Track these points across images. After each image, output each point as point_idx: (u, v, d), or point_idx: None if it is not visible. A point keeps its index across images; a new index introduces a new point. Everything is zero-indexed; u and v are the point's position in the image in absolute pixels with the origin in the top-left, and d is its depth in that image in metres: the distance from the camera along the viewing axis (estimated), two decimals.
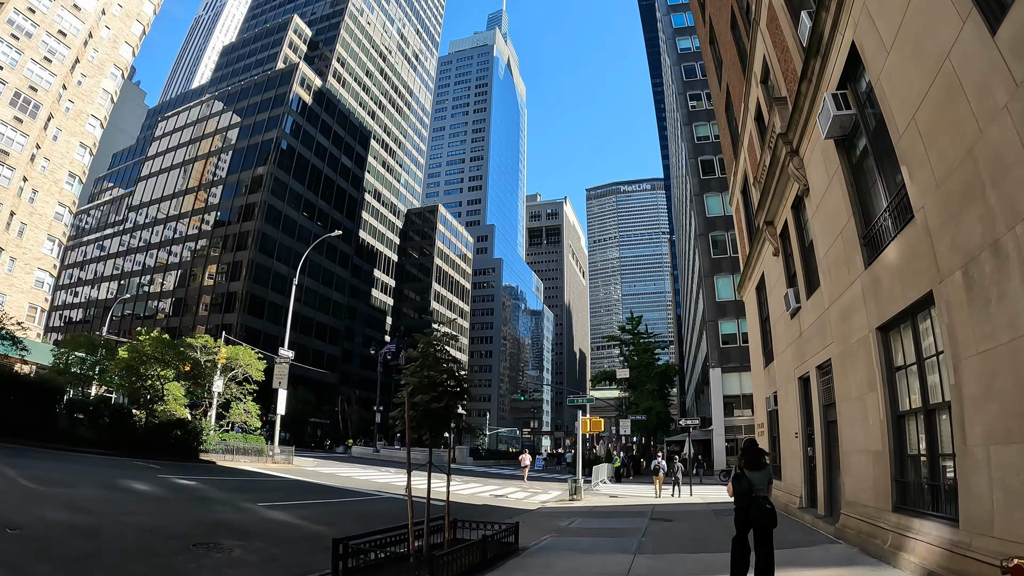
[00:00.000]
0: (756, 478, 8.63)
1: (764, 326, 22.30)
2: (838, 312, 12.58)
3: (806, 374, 15.74)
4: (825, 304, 13.50)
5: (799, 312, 16.10)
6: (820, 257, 13.73)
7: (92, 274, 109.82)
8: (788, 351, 17.58)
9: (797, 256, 16.08)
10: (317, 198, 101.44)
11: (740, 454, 9.13)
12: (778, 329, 19.00)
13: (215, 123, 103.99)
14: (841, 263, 12.21)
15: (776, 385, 19.51)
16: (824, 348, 13.70)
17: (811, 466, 15.82)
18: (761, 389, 22.62)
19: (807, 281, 15.39)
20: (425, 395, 10.48)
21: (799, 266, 15.92)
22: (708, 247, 56.41)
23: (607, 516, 19.50)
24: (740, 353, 51.95)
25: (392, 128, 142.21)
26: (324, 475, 32.60)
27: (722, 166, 59.17)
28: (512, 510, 21.70)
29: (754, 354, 24.76)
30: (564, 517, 18.71)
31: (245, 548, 10.93)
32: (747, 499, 8.57)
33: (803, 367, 15.87)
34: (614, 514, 20.15)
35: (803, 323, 15.74)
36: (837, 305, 12.63)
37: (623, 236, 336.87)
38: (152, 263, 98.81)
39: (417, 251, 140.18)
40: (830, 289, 13.08)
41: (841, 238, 12.09)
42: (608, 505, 24.12)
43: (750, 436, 12.33)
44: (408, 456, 10.42)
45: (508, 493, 29.42)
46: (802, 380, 16.40)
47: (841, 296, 12.29)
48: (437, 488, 25.53)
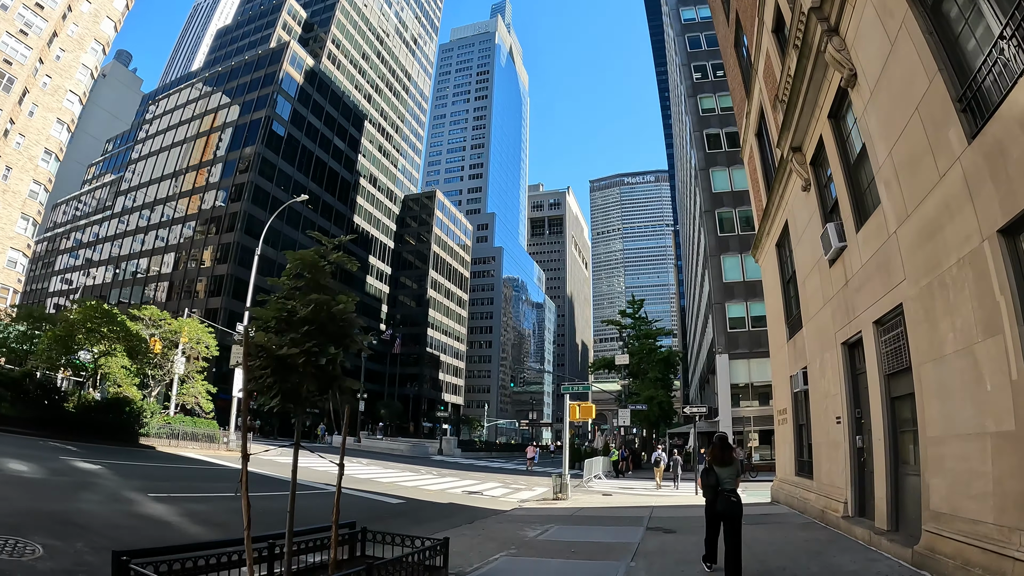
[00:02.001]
0: (724, 473, 9.08)
1: (788, 289, 18.33)
2: (916, 231, 8.56)
3: (855, 336, 11.74)
4: (890, 228, 9.52)
5: (843, 254, 12.12)
6: (878, 165, 9.77)
7: (82, 260, 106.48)
8: (826, 312, 13.59)
9: (840, 178, 12.09)
10: (308, 180, 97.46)
11: (710, 449, 9.55)
12: (809, 287, 15.01)
13: (204, 105, 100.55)
14: (919, 156, 8.22)
15: (806, 359, 15.53)
16: (890, 291, 9.68)
17: (860, 461, 11.86)
18: (783, 367, 18.62)
19: (856, 208, 11.43)
20: (284, 336, 6.38)
21: (843, 191, 11.94)
22: (715, 224, 52.46)
23: (592, 523, 15.55)
24: (749, 339, 48.35)
25: (389, 112, 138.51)
26: (278, 464, 28.88)
27: (729, 140, 55.48)
28: (479, 511, 18.09)
29: (773, 327, 20.76)
30: (538, 524, 14.83)
31: (53, 550, 8.09)
32: (714, 492, 9.06)
33: (851, 327, 11.87)
34: (602, 520, 16.22)
35: (850, 267, 11.76)
36: (913, 222, 8.63)
37: (627, 228, 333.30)
38: (140, 248, 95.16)
39: (414, 238, 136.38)
40: (898, 203, 9.11)
41: (918, 117, 8.11)
42: (598, 507, 20.16)
43: (721, 432, 10.69)
44: (244, 441, 6.26)
45: (485, 490, 25.53)
46: (848, 346, 12.43)
47: (922, 204, 8.27)
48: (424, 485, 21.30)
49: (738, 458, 9.81)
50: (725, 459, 9.20)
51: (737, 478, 9.23)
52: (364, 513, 15.52)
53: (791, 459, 17.69)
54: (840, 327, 12.52)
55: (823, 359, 13.88)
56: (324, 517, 12.90)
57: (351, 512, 16.31)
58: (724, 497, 8.96)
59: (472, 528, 13.97)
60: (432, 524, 14.54)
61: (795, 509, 16.27)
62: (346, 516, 9.19)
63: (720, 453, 9.28)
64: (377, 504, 18.31)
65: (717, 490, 9.04)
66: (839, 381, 12.65)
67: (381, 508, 17.47)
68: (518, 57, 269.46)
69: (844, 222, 12.05)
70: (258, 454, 8.02)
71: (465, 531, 13.52)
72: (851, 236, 11.64)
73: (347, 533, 8.34)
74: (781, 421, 19.20)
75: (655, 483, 32.49)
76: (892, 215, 9.45)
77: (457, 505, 19.57)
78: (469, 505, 19.67)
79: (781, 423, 19.24)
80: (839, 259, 12.40)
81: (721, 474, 9.09)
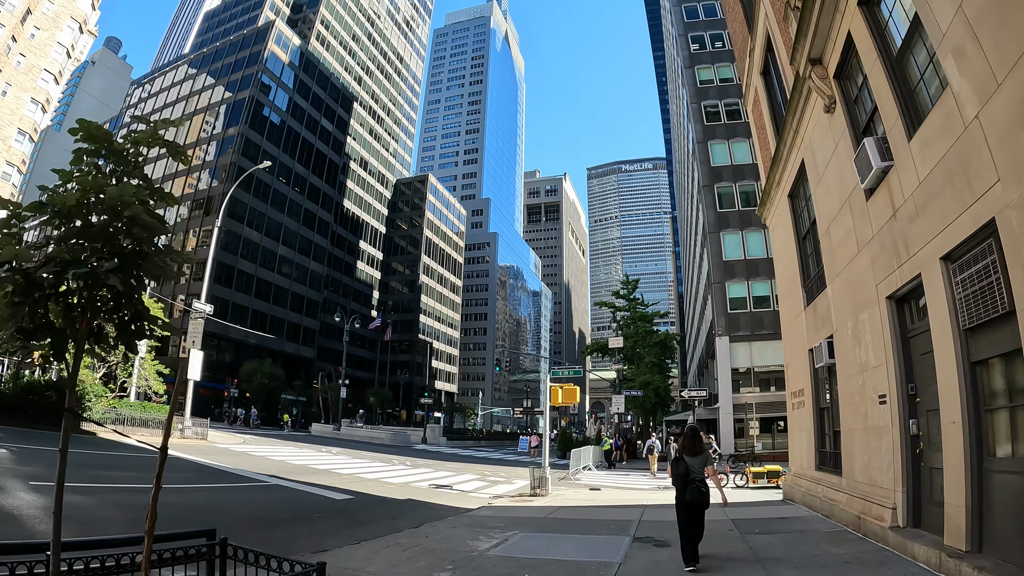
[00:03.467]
0: (694, 463, 9.15)
1: (804, 246, 15.39)
2: (1016, 102, 5.64)
3: (909, 284, 8.75)
4: (966, 115, 6.63)
5: (888, 177, 9.16)
6: (941, 33, 6.99)
7: None
8: (861, 261, 10.63)
9: (880, 79, 9.12)
10: (294, 162, 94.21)
11: (680, 440, 9.74)
12: (836, 234, 12.02)
13: (189, 87, 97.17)
14: None
15: (831, 326, 12.56)
16: (970, 206, 6.72)
17: (914, 453, 8.93)
18: (800, 340, 15.66)
19: (905, 110, 8.51)
20: None
21: (885, 94, 8.99)
22: (714, 200, 49.53)
23: (568, 529, 12.57)
24: (751, 320, 45.65)
25: (380, 95, 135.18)
26: (232, 453, 26.75)
27: (728, 113, 52.59)
28: (439, 509, 15.34)
29: (786, 295, 17.84)
30: (500, 529, 11.97)
31: None
32: (684, 481, 9.07)
33: (902, 273, 8.88)
34: (580, 525, 13.26)
35: (899, 191, 8.81)
36: (1009, 92, 5.73)
37: (624, 216, 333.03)
38: None
39: (406, 223, 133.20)
40: (980, 73, 6.27)
41: None
42: (580, 505, 17.25)
43: (691, 424, 11.92)
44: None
45: (458, 483, 22.69)
46: (896, 300, 9.49)
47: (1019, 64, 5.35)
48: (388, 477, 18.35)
49: (708, 449, 10.33)
50: (695, 449, 9.35)
51: (706, 467, 9.31)
52: (293, 511, 13.52)
53: (810, 450, 14.78)
54: (884, 276, 9.55)
55: (857, 322, 10.92)
56: (244, 518, 11.57)
57: (279, 509, 13.55)
58: (694, 487, 9.01)
59: (412, 535, 11.12)
60: (368, 527, 11.91)
61: (817, 511, 13.34)
62: (273, 514, 9.38)
63: (690, 443, 9.44)
64: (316, 501, 15.58)
65: (687, 479, 9.11)
66: (883, 348, 9.69)
67: (317, 506, 14.77)
68: (514, 43, 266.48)
69: (888, 133, 9.10)
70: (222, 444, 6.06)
71: (401, 539, 10.72)
72: (899, 149, 8.70)
73: (202, 546, 5.35)
74: (796, 405, 16.28)
75: (650, 472, 29.91)
76: (970, 95, 6.52)
77: (414, 502, 16.77)
78: (429, 502, 16.86)
79: (796, 407, 16.31)
80: (882, 185, 9.44)
81: (691, 464, 9.18)
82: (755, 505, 16.61)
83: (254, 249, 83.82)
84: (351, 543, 10.07)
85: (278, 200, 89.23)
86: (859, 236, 10.67)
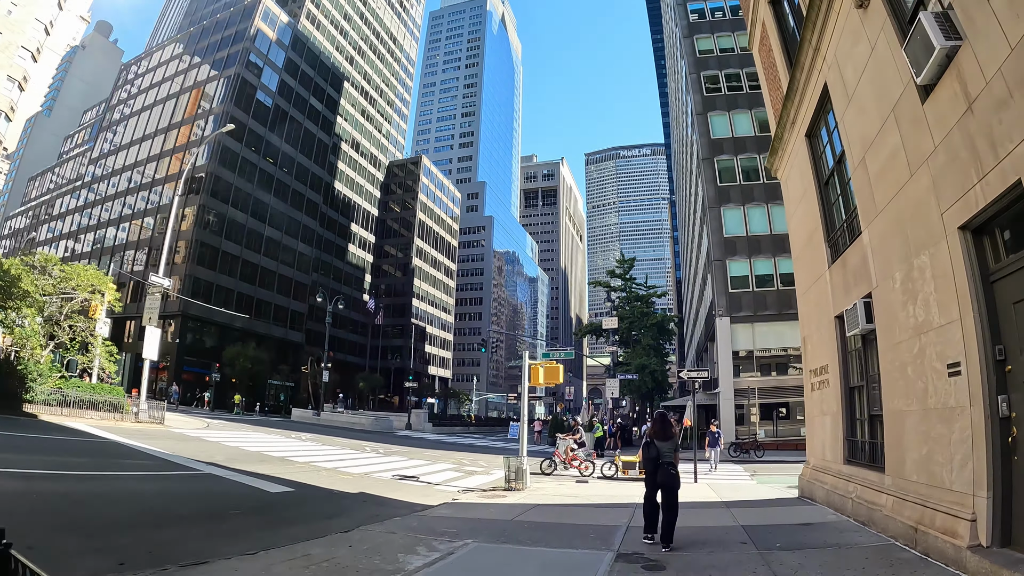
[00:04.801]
0: (664, 447, 9.56)
1: (826, 192, 12.81)
2: None
3: (1001, 200, 6.18)
4: None
5: (957, 58, 6.58)
6: None
7: (56, 232, 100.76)
8: (917, 184, 8.00)
9: None
10: (282, 142, 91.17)
11: (652, 425, 10.06)
12: (878, 159, 9.31)
13: (175, 67, 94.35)
14: None
15: (870, 281, 9.91)
16: None
17: (1006, 443, 6.38)
18: (822, 306, 13.01)
19: None
20: None
21: None
22: (714, 173, 46.98)
23: (535, 538, 9.90)
24: (753, 300, 43.33)
25: (373, 76, 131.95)
26: (184, 438, 24.16)
27: (728, 83, 50.08)
28: (392, 506, 13.05)
29: (802, 256, 15.28)
30: (449, 536, 9.49)
31: None
32: (654, 464, 9.54)
33: (988, 186, 6.26)
34: (553, 530, 10.65)
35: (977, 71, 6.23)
36: None
37: (622, 202, 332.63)
38: (109, 217, 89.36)
39: (399, 205, 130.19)
40: None
41: None
42: (560, 502, 14.66)
43: (660, 410, 10.24)
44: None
45: (428, 473, 20.20)
46: (974, 231, 6.88)
47: None
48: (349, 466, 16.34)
49: (677, 433, 10.52)
50: (665, 434, 9.67)
51: (676, 452, 9.66)
52: (206, 506, 11.65)
53: (835, 439, 12.22)
54: (955, 198, 6.96)
55: (911, 270, 8.33)
56: (138, 509, 10.48)
57: (190, 503, 11.66)
58: (664, 470, 9.40)
59: (331, 543, 8.72)
60: (288, 529, 9.70)
61: (847, 516, 10.74)
62: (178, 508, 9.10)
63: (660, 428, 9.76)
64: (244, 493, 13.39)
65: (657, 462, 9.51)
66: (954, 299, 7.10)
67: (242, 500, 12.66)
68: (511, 26, 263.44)
69: (954, 1, 6.58)
70: None
71: (315, 549, 8.32)
72: (974, 16, 6.21)
73: None
74: (817, 385, 13.68)
75: None
76: None
77: (365, 497, 14.36)
78: (383, 497, 14.38)
79: (817, 388, 13.73)
80: (947, 74, 6.87)
81: (661, 448, 9.53)
82: (766, 505, 14.10)
83: (239, 230, 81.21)
84: (249, 552, 7.81)
85: (265, 180, 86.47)
86: (912, 154, 8.10)
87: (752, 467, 27.78)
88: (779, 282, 43.32)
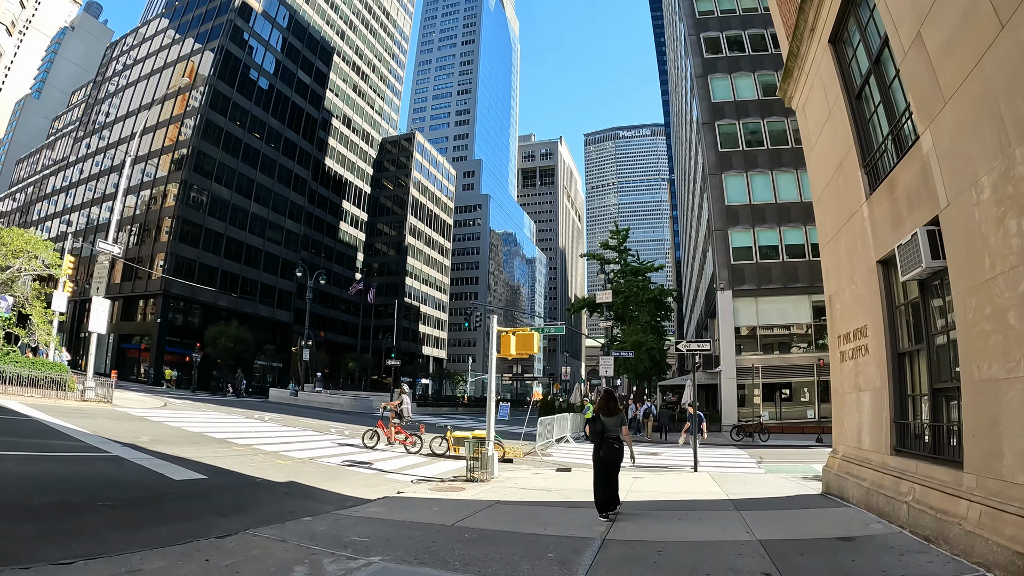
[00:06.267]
0: (610, 422, 10.02)
1: (859, 105, 10.13)
2: None
3: None
4: None
5: None
6: None
7: (44, 213, 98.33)
8: (1008, 40, 5.38)
9: None
10: (268, 115, 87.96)
11: (598, 401, 10.77)
12: (942, 28, 6.70)
13: (159, 41, 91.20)
14: None
15: (939, 199, 6.98)
16: None
17: None
18: (857, 250, 10.17)
19: None
20: None
21: None
22: (714, 139, 44.24)
23: (470, 557, 7.19)
24: (757, 273, 40.83)
25: (365, 51, 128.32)
26: (122, 417, 21.70)
27: (730, 44, 47.15)
28: (320, 498, 10.89)
29: (825, 195, 12.46)
30: (350, 552, 7.01)
31: None
32: (600, 438, 10.01)
33: None
34: (498, 544, 7.92)
35: None
36: None
37: (621, 182, 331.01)
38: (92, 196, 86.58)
39: (392, 182, 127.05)
40: None
41: None
42: (526, 500, 11.93)
43: (608, 388, 9.95)
44: None
45: (385, 459, 17.74)
46: None
47: None
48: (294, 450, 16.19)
49: (622, 409, 11.14)
50: (611, 410, 10.11)
51: (622, 426, 10.16)
52: (75, 495, 9.41)
53: (879, 422, 9.55)
54: None
55: (1013, 166, 5.66)
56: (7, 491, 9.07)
57: (55, 491, 9.66)
58: (608, 444, 9.89)
59: (183, 556, 6.38)
60: (166, 527, 7.94)
61: (902, 527, 8.03)
62: (33, 497, 8.25)
63: (606, 404, 10.21)
64: (144, 479, 11.31)
65: (603, 436, 9.92)
66: None
67: (137, 486, 10.75)
68: (508, 2, 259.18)
69: None
70: None
71: (153, 561, 6.19)
72: None
73: None
74: (850, 353, 10.91)
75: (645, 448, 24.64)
76: None
77: (294, 486, 12.03)
78: (315, 488, 12.05)
79: (850, 357, 10.96)
80: None
81: (607, 423, 9.95)
82: (786, 506, 11.29)
83: (224, 207, 78.34)
84: (63, 560, 5.82)
85: (250, 155, 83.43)
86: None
87: (757, 453, 25.11)
88: (784, 253, 40.83)
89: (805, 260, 39.90)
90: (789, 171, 41.89)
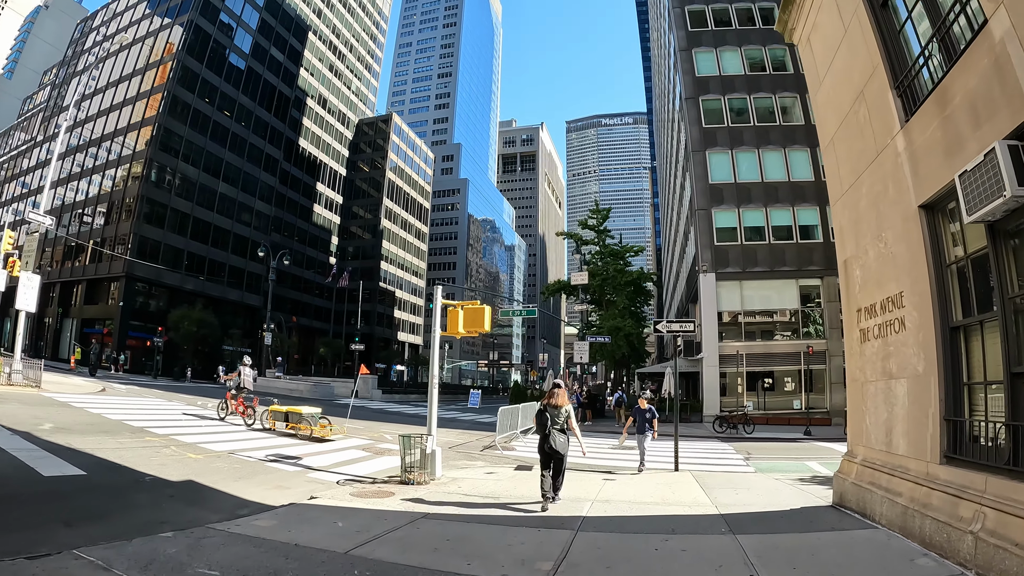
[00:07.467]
0: (555, 413, 10.07)
1: (886, 17, 7.96)
2: None
3: None
4: None
5: None
6: None
7: (10, 196, 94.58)
8: None
9: None
10: (238, 92, 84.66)
11: (546, 394, 10.79)
12: None
13: (129, 17, 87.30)
14: None
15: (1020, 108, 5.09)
16: None
17: None
18: (891, 198, 7.91)
19: None
20: None
21: None
22: (698, 114, 42.10)
23: None
24: (742, 255, 38.94)
25: (342, 30, 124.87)
26: (39, 403, 19.16)
27: (716, 18, 44.87)
28: (215, 501, 9.05)
29: (842, 136, 10.18)
30: None
31: None
32: (545, 430, 10.08)
33: None
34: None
35: None
36: None
37: (603, 170, 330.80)
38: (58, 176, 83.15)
39: (368, 164, 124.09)
40: None
41: None
42: (463, 512, 9.52)
43: (555, 380, 11.51)
44: None
45: (317, 453, 15.59)
46: None
47: None
48: (217, 442, 14.60)
49: (570, 402, 11.02)
50: (558, 402, 10.18)
51: (568, 419, 10.12)
52: None
53: (921, 419, 7.30)
54: None
55: None
56: None
57: None
58: (553, 437, 9.91)
59: None
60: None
61: (959, 563, 5.90)
62: None
63: (552, 396, 10.31)
64: (14, 476, 9.50)
65: (547, 427, 9.99)
66: None
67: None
68: None
69: None
70: None
71: None
72: None
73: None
74: (876, 331, 8.65)
75: (622, 437, 21.75)
76: None
77: (189, 486, 10.10)
78: (213, 489, 10.03)
79: (875, 335, 8.70)
80: None
81: (552, 414, 10.04)
82: (792, 529, 8.86)
83: (190, 186, 75.31)
84: None
85: (219, 133, 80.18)
86: None
87: (743, 447, 23.02)
88: (771, 235, 38.87)
89: (793, 242, 38.11)
90: (776, 149, 40.00)
